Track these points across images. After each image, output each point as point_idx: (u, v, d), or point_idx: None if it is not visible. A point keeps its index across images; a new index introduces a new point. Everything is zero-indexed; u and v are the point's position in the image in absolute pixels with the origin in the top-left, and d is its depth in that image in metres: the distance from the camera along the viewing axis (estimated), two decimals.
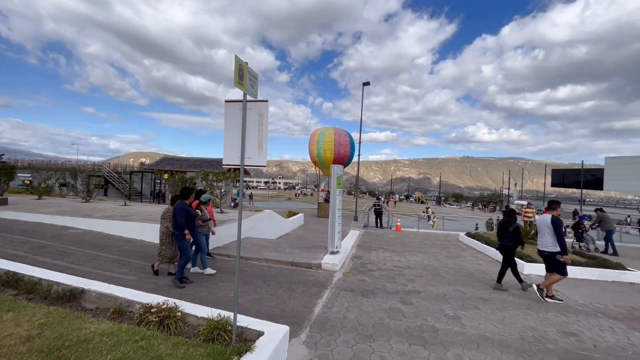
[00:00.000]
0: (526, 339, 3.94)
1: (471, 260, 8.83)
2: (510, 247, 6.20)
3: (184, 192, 5.42)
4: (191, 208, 5.53)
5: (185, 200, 5.36)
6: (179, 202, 5.31)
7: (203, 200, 6.24)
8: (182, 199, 5.36)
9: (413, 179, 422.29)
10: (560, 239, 5.46)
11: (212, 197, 6.99)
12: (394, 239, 12.34)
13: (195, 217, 5.59)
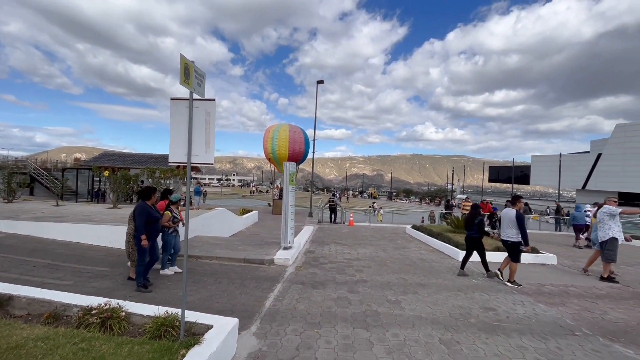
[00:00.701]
0: (454, 316, 4.48)
1: (415, 250, 9.58)
2: (477, 238, 6.82)
3: (146, 192, 5.10)
4: (154, 209, 5.24)
5: (147, 201, 5.05)
6: (140, 203, 5.02)
7: (173, 200, 5.97)
8: (143, 199, 5.06)
9: (367, 175, 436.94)
10: (522, 232, 6.09)
11: (181, 197, 6.74)
12: (347, 233, 12.84)
13: (158, 219, 5.32)
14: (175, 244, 5.94)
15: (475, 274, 6.94)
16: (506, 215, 6.39)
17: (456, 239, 9.75)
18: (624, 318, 4.69)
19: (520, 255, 6.24)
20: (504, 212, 6.59)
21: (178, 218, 5.92)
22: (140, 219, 4.82)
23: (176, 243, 5.95)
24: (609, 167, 61.77)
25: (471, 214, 7.03)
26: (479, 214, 6.97)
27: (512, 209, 6.34)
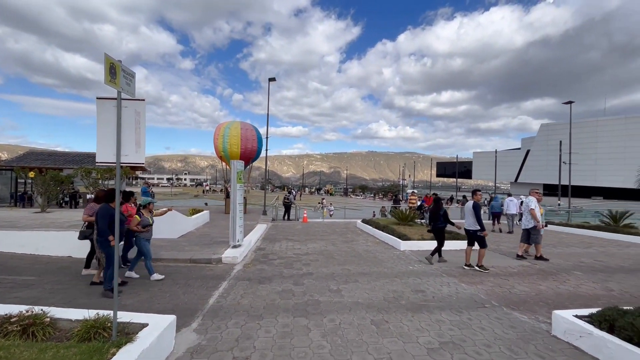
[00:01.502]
0: (387, 299, 4.93)
1: (362, 243, 10.12)
2: (442, 227, 7.53)
3: (109, 195, 4.92)
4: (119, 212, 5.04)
5: (110, 204, 4.86)
6: (103, 205, 4.85)
7: (143, 204, 5.93)
8: (107, 201, 4.89)
9: (325, 172, 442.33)
10: (478, 220, 6.83)
11: (153, 200, 6.66)
12: (300, 229, 13.09)
13: (124, 221, 5.19)
14: None
15: (413, 260, 7.58)
16: (467, 207, 7.19)
17: (400, 230, 10.48)
18: (526, 290, 5.52)
19: (485, 240, 6.98)
20: (466, 205, 7.42)
21: (148, 222, 5.80)
22: (103, 221, 4.71)
23: None
24: (535, 162, 69.98)
25: (436, 207, 7.82)
26: (442, 206, 7.84)
27: (471, 200, 7.15)
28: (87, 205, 5.81)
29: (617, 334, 3.21)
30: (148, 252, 5.74)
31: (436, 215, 7.67)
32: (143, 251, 5.70)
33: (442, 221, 7.57)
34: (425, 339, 3.63)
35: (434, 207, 7.92)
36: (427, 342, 3.55)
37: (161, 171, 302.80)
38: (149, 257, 5.77)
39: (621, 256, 8.71)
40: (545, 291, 5.53)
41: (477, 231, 6.92)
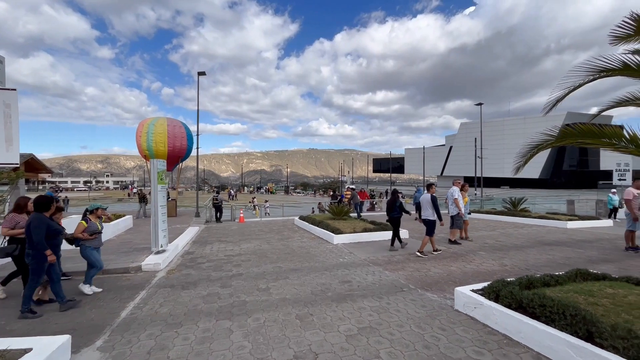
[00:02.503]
0: (315, 293, 5.04)
1: (298, 239, 10.19)
2: (398, 217, 8.30)
3: (43, 202, 4.22)
4: (53, 222, 4.41)
5: (44, 212, 4.21)
6: (35, 215, 4.13)
7: (90, 209, 5.29)
8: (40, 210, 4.17)
9: (266, 170, 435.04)
10: (436, 210, 7.51)
11: (102, 205, 5.77)
12: (235, 230, 12.68)
13: (60, 232, 4.46)
14: None
15: (345, 253, 7.88)
16: (424, 199, 7.85)
17: (334, 225, 10.81)
18: (440, 272, 6.14)
19: (434, 230, 7.68)
20: (422, 197, 8.02)
21: (96, 229, 5.17)
22: (38, 232, 4.01)
23: None
24: (457, 157, 78.28)
25: (392, 199, 8.46)
26: (398, 198, 8.46)
27: (428, 193, 7.83)
28: (7, 217, 4.88)
29: (501, 302, 3.75)
30: (96, 261, 5.19)
31: (392, 207, 8.36)
32: (90, 260, 5.12)
33: (397, 212, 8.33)
34: (345, 327, 3.80)
35: (391, 199, 8.60)
36: (347, 330, 3.72)
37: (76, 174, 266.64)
38: (97, 267, 5.22)
39: (516, 236, 10.21)
40: (455, 271, 6.22)
41: (435, 221, 7.63)
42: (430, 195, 7.83)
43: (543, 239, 9.61)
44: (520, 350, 3.22)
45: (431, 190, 8.04)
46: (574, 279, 4.42)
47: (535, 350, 3.19)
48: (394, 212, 8.37)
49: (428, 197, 7.85)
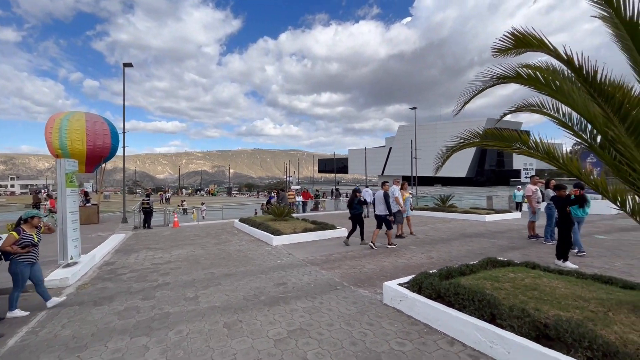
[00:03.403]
0: (247, 298, 4.84)
1: (236, 243, 9.79)
2: (359, 214, 8.69)
3: None
4: None
5: None
6: None
7: (24, 218, 4.65)
8: None
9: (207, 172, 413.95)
10: (388, 206, 8.03)
11: (39, 213, 4.81)
12: (167, 236, 11.73)
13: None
14: (35, 274, 4.53)
15: (284, 254, 7.76)
16: (378, 196, 8.32)
17: (275, 226, 10.62)
18: (373, 269, 6.37)
19: (391, 223, 8.24)
20: (376, 194, 8.48)
21: (31, 241, 4.42)
22: None
23: (35, 272, 4.55)
24: (396, 158, 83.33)
25: (352, 197, 8.83)
26: (358, 195, 8.78)
27: (382, 190, 8.33)
28: None
29: (423, 293, 3.99)
30: (22, 280, 4.39)
31: (352, 204, 8.77)
32: (16, 279, 4.35)
33: (357, 209, 8.69)
34: (275, 331, 3.69)
35: (351, 197, 8.98)
36: (276, 334, 3.62)
37: None
38: (20, 287, 4.41)
39: (443, 230, 11.12)
40: (387, 266, 6.51)
41: (387, 216, 8.08)
42: (383, 192, 8.33)
43: (465, 232, 10.61)
44: (438, 337, 3.44)
45: (384, 187, 8.53)
46: (485, 267, 4.90)
47: (451, 335, 3.44)
48: (353, 209, 8.75)
49: (381, 194, 8.35)
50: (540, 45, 2.47)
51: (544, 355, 2.59)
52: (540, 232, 8.93)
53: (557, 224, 6.44)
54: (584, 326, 2.62)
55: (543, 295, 3.52)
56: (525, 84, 2.94)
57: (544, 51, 2.52)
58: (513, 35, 2.53)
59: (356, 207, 8.78)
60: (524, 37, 2.49)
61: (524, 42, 2.51)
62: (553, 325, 2.73)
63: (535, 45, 2.49)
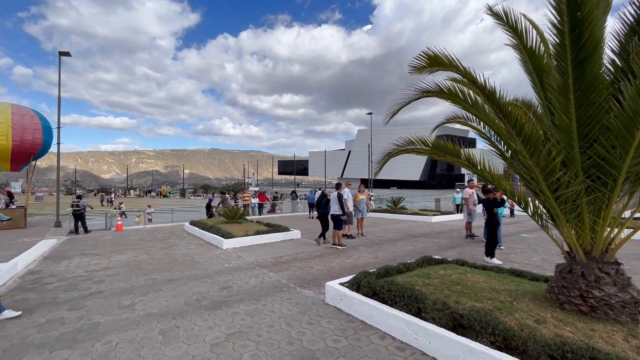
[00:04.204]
0: (189, 303, 4.70)
1: (184, 246, 9.40)
2: (325, 214, 8.98)
3: None
4: None
5: None
6: None
7: None
8: None
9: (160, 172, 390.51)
10: (341, 206, 8.52)
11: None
12: (108, 240, 10.90)
13: None
14: None
15: (233, 257, 7.62)
16: (332, 197, 8.82)
17: (227, 228, 10.38)
18: (321, 269, 6.52)
19: (342, 224, 8.70)
20: (332, 195, 8.94)
21: None
22: None
23: None
24: (355, 161, 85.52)
25: (320, 198, 9.28)
26: (325, 197, 9.18)
27: (336, 192, 8.79)
28: None
29: (361, 291, 4.19)
30: None
31: (319, 205, 9.19)
32: None
33: (325, 209, 9.04)
34: (213, 335, 3.64)
35: (319, 197, 9.43)
36: (214, 338, 3.57)
37: None
38: None
39: (392, 231, 11.68)
40: (335, 267, 6.70)
41: (340, 215, 8.52)
42: (337, 193, 8.71)
43: (412, 232, 11.24)
44: (371, 333, 3.64)
45: (339, 189, 8.90)
46: (421, 265, 5.26)
47: (383, 330, 3.66)
48: (321, 209, 9.16)
49: (335, 195, 8.72)
50: (451, 65, 2.78)
51: (457, 342, 2.88)
52: (476, 232, 9.77)
53: (486, 224, 7.11)
54: (490, 315, 2.96)
55: (464, 289, 3.89)
56: (446, 98, 3.26)
57: (454, 70, 2.83)
58: (427, 55, 2.81)
59: (323, 207, 9.14)
60: (437, 57, 2.78)
61: (436, 61, 2.80)
62: (466, 316, 3.04)
63: (446, 64, 2.80)
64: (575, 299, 2.96)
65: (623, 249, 6.20)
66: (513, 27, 3.05)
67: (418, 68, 2.98)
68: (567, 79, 2.63)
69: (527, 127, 2.74)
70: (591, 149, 2.76)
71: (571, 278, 3.05)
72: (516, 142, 2.80)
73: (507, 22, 3.05)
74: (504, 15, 3.06)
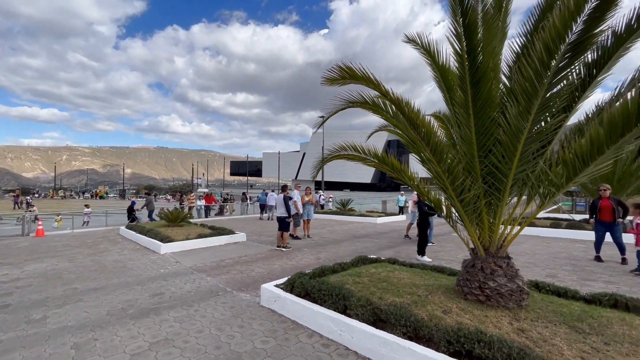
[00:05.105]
0: (112, 313, 4.40)
1: (117, 252, 8.72)
2: (283, 218, 8.67)
3: None
4: None
5: None
6: None
7: None
8: None
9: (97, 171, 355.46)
10: (287, 209, 8.61)
11: None
12: (24, 248, 9.69)
13: None
14: None
15: (170, 262, 7.26)
16: (278, 199, 8.92)
17: (166, 232, 9.85)
18: (261, 272, 6.50)
19: (288, 226, 8.70)
20: (277, 197, 9.16)
21: None
22: None
23: None
24: (309, 163, 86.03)
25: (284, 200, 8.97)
26: (289, 199, 8.96)
27: (282, 194, 8.82)
28: None
29: (294, 292, 4.29)
30: None
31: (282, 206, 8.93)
32: None
33: (287, 211, 8.85)
34: (135, 345, 3.46)
35: (284, 199, 9.08)
36: (135, 348, 3.40)
37: None
38: None
39: (338, 232, 12.03)
40: (276, 269, 6.72)
41: (285, 218, 8.57)
42: (283, 196, 8.74)
43: (357, 233, 11.68)
44: (301, 332, 3.75)
45: (285, 192, 8.94)
46: (356, 264, 5.53)
47: (312, 329, 3.79)
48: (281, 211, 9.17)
49: (281, 197, 8.75)
50: (363, 79, 3.02)
51: (374, 335, 3.10)
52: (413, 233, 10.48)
53: (418, 225, 7.68)
54: (404, 308, 3.24)
55: (389, 286, 4.18)
56: (369, 109, 3.51)
57: (365, 84, 3.09)
58: (340, 69, 3.02)
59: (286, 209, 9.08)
60: (351, 71, 3.00)
61: (350, 75, 3.02)
62: (384, 310, 3.29)
63: (360, 78, 3.03)
64: (475, 290, 3.37)
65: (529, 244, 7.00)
66: (426, 49, 3.41)
67: (331, 80, 3.17)
68: (467, 96, 3.00)
69: (434, 138, 3.08)
70: (487, 158, 3.18)
71: (473, 271, 3.46)
72: (426, 150, 3.12)
73: (422, 45, 3.40)
74: (419, 39, 3.40)
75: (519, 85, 2.74)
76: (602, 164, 2.72)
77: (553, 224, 11.21)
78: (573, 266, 6.66)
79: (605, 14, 2.37)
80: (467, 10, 2.70)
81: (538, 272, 6.25)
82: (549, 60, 2.54)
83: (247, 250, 8.77)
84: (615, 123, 2.46)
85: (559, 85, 2.77)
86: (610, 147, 2.55)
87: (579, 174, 2.80)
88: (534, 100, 2.72)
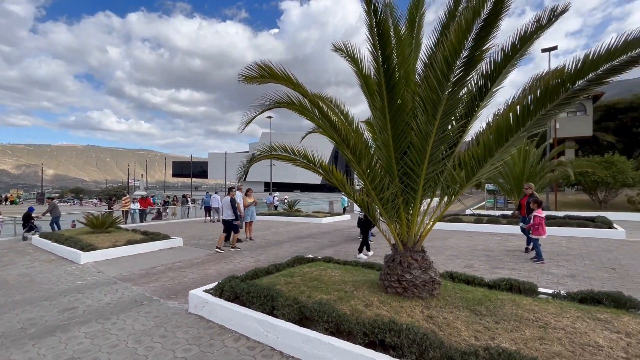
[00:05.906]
0: (7, 335, 3.83)
1: (25, 265, 7.65)
2: (230, 221, 8.62)
3: None
4: None
5: None
6: None
7: None
8: None
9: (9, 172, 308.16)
10: (234, 211, 8.51)
11: None
12: None
13: None
14: None
15: (91, 273, 6.56)
16: (225, 201, 8.77)
17: (89, 240, 8.91)
18: (195, 278, 6.20)
19: (236, 228, 8.67)
20: (224, 199, 8.90)
21: None
22: None
23: None
24: (258, 164, 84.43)
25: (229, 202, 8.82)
26: (234, 202, 8.71)
27: (229, 196, 8.67)
28: None
29: (223, 296, 4.17)
30: None
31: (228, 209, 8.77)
32: None
33: (233, 214, 8.69)
34: None
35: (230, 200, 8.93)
36: None
37: None
38: None
39: (282, 233, 11.98)
40: (212, 274, 6.46)
41: (233, 220, 8.52)
42: (230, 198, 8.59)
43: (300, 234, 11.74)
44: (227, 337, 3.66)
45: (231, 194, 8.80)
46: (292, 265, 5.55)
47: (240, 332, 3.72)
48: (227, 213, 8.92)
49: (228, 199, 8.60)
50: (285, 79, 3.08)
51: (297, 334, 3.15)
52: None
53: (361, 224, 7.97)
54: (327, 305, 3.34)
55: (320, 284, 4.27)
56: (295, 110, 3.56)
57: (286, 84, 3.15)
58: (258, 67, 3.05)
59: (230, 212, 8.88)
60: (270, 70, 3.04)
61: (269, 73, 3.06)
62: (309, 308, 3.36)
63: (280, 78, 3.09)
64: (394, 283, 3.61)
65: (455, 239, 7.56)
66: (352, 57, 3.57)
67: (249, 77, 3.17)
68: (384, 102, 3.21)
69: (352, 140, 3.24)
70: (403, 160, 3.43)
71: (393, 266, 3.70)
72: (347, 150, 3.27)
73: (347, 53, 3.56)
74: (344, 48, 3.56)
75: (426, 93, 3.01)
76: (494, 164, 3.10)
77: (476, 219, 12.46)
78: (487, 257, 7.48)
79: (490, 34, 2.72)
80: (380, 22, 2.89)
81: (459, 263, 6.89)
82: (449, 72, 2.83)
83: (182, 255, 8.30)
84: (501, 130, 2.82)
85: (460, 93, 3.10)
86: (498, 150, 2.92)
87: (477, 174, 3.16)
88: (438, 107, 3.00)
